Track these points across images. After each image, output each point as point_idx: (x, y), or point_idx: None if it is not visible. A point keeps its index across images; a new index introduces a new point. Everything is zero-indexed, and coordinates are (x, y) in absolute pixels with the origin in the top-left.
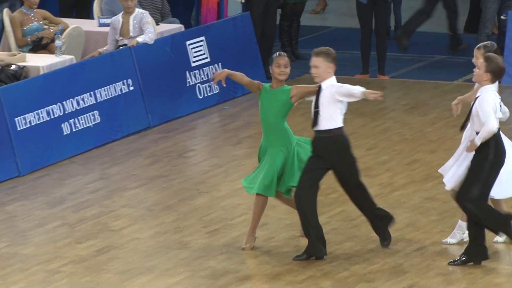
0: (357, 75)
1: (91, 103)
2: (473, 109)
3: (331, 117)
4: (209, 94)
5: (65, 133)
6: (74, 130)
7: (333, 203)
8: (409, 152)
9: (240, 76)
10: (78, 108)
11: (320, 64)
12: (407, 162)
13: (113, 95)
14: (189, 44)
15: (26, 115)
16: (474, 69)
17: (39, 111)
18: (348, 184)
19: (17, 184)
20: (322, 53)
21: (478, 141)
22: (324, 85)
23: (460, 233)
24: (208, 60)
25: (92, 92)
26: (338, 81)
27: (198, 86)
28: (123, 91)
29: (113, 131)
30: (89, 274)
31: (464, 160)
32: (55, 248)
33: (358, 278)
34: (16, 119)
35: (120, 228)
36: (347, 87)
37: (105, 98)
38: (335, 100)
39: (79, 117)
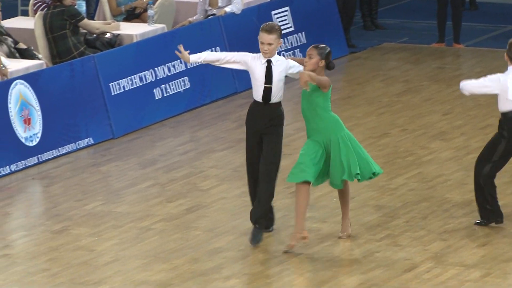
0: (433, 43)
1: (181, 70)
2: None
3: (280, 91)
4: None
5: (156, 98)
6: (165, 95)
7: (410, 165)
8: (483, 116)
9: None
10: (169, 74)
11: (273, 42)
12: (481, 126)
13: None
14: (274, 14)
15: (120, 80)
16: None
17: (132, 77)
18: (265, 153)
19: (111, 146)
20: (275, 30)
21: None
22: (274, 60)
23: None
24: (292, 29)
25: (182, 59)
26: (415, 50)
27: (283, 54)
28: None
29: (202, 96)
30: (179, 232)
31: None
32: (147, 207)
33: (434, 236)
34: (110, 84)
35: (208, 188)
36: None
37: (195, 65)
38: (282, 76)
39: (170, 83)
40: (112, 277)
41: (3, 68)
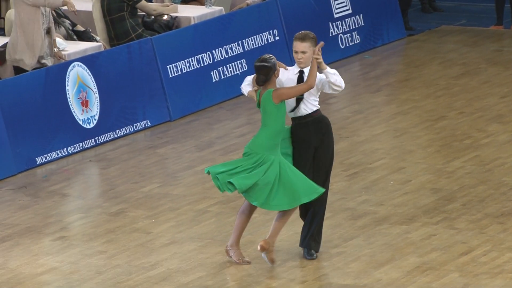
0: (491, 26)
1: (239, 52)
2: None
3: (314, 101)
4: (350, 44)
5: (214, 80)
6: (222, 77)
7: (467, 148)
8: None
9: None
10: (227, 56)
11: (308, 50)
12: None
13: (259, 45)
14: None
15: (177, 63)
16: None
17: (190, 59)
18: (321, 167)
19: (168, 128)
20: (309, 38)
21: None
22: (307, 71)
23: None
24: (350, 11)
25: (240, 42)
26: (473, 32)
27: (340, 36)
28: (269, 41)
29: None
30: (235, 214)
31: None
32: (203, 189)
33: (491, 220)
34: (168, 66)
35: None
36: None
37: (252, 48)
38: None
39: (228, 65)
40: (168, 260)
41: (60, 50)
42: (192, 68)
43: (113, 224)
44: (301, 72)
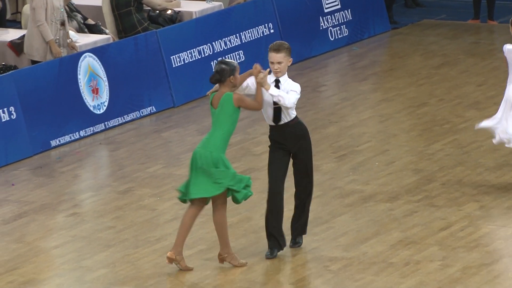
0: (469, 20)
1: (236, 44)
2: None
3: (291, 111)
4: (339, 37)
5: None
6: None
7: (446, 132)
8: None
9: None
10: (226, 48)
11: (283, 60)
12: None
13: (256, 37)
14: None
15: (180, 53)
16: None
17: (192, 50)
18: (301, 170)
19: (172, 114)
20: (284, 48)
21: None
22: (283, 79)
23: None
24: (339, 6)
25: (237, 34)
26: (452, 26)
27: (330, 30)
28: (265, 34)
29: None
30: None
31: None
32: None
33: (468, 198)
34: (171, 57)
35: (260, 153)
36: (292, 96)
37: (249, 40)
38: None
39: (227, 56)
40: (172, 234)
41: (72, 42)
42: (194, 59)
43: (121, 201)
44: (276, 81)
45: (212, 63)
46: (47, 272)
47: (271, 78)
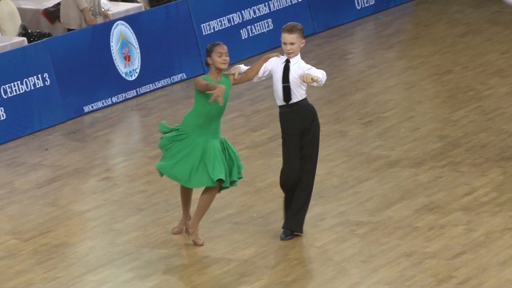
0: None
1: (265, 12)
2: None
3: (301, 91)
4: (365, 5)
5: (243, 38)
6: (250, 35)
7: (471, 99)
8: None
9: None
10: (255, 16)
11: (296, 41)
12: None
13: (284, 6)
14: None
15: (210, 22)
16: None
17: (221, 18)
18: (307, 152)
19: None
20: (297, 29)
21: None
22: (293, 61)
23: None
24: None
25: (266, 3)
26: None
27: None
28: (293, 2)
29: None
30: (262, 158)
31: None
32: (233, 135)
33: (492, 164)
34: (202, 25)
35: None
36: (318, 72)
37: (278, 8)
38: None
39: (255, 24)
40: None
41: (105, 10)
42: (224, 27)
43: (152, 166)
44: (287, 61)
45: (241, 31)
46: (79, 235)
47: (282, 59)
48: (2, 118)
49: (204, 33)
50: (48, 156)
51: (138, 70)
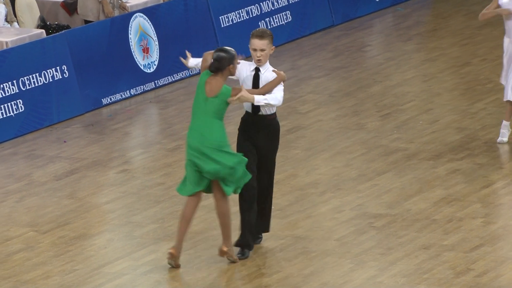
0: None
1: (284, 5)
2: None
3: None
4: None
5: None
6: (269, 27)
7: (489, 91)
8: None
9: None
10: (273, 8)
11: (266, 47)
12: None
13: None
14: None
15: (228, 14)
16: None
17: (240, 10)
18: (263, 165)
19: None
20: (267, 35)
21: None
22: (263, 69)
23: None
24: None
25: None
26: None
27: None
28: None
29: (302, 28)
30: (280, 150)
31: None
32: None
33: (510, 156)
34: (220, 17)
35: (306, 111)
36: (278, 94)
37: (296, 0)
38: None
39: (273, 16)
40: None
41: (123, 2)
42: (242, 19)
43: (170, 158)
44: (256, 70)
45: (259, 22)
46: (97, 227)
47: (251, 66)
48: (20, 110)
49: (222, 25)
50: (66, 148)
51: (156, 62)
